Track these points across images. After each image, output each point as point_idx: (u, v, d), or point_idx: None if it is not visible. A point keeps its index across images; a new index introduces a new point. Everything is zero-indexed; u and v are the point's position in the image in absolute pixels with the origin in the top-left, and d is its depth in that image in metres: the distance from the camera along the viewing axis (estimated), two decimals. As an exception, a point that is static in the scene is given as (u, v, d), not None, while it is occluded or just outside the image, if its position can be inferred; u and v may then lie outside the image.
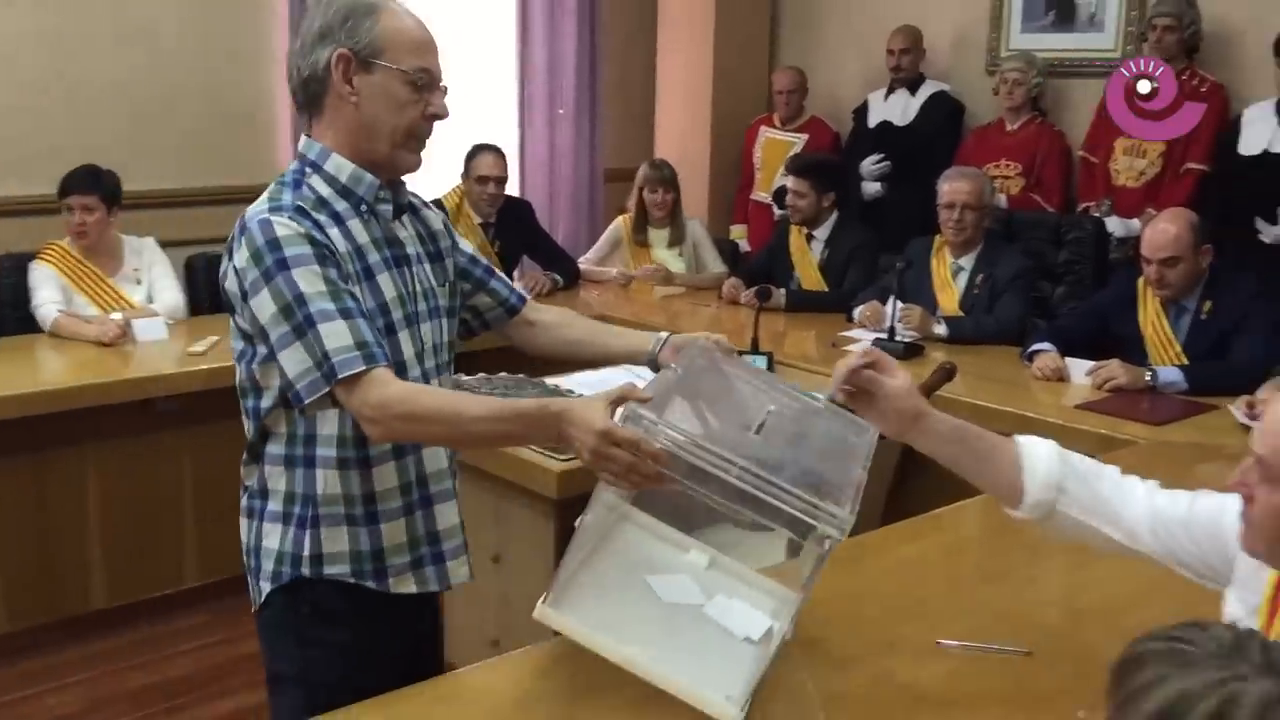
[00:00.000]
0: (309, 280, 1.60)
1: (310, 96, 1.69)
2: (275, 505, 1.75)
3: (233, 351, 1.76)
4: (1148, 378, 3.23)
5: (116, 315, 3.82)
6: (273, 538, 1.75)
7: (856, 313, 4.07)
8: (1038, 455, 1.60)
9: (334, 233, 1.66)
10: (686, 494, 1.55)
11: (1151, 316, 3.45)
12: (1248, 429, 2.86)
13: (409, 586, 1.81)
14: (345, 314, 1.60)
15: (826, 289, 4.47)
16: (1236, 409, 2.92)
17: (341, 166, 1.70)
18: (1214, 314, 3.37)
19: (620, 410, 1.53)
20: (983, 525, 2.35)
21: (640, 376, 3.19)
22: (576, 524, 1.68)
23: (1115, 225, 4.44)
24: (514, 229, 4.73)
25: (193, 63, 4.69)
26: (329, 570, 1.74)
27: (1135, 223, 4.39)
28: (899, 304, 3.78)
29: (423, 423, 1.62)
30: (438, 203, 4.66)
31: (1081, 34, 4.95)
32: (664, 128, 6.14)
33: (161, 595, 3.69)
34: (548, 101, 5.73)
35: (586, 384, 3.05)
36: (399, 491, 1.77)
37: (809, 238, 4.59)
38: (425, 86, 1.70)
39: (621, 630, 1.61)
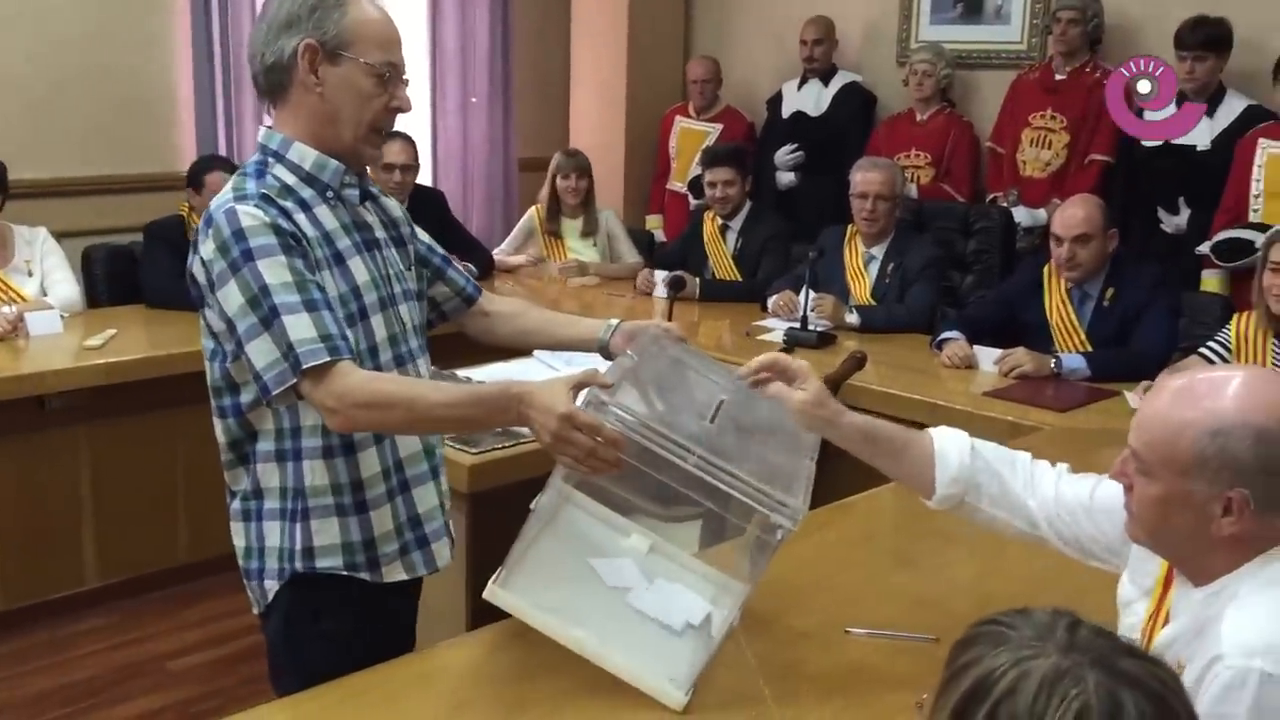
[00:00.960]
0: (274, 271, 1.59)
1: (273, 84, 1.69)
2: (272, 503, 1.74)
3: (204, 351, 1.74)
4: (1052, 365, 3.29)
5: (7, 309, 3.68)
6: (274, 535, 1.74)
7: (770, 302, 4.09)
8: (949, 449, 1.64)
9: (301, 219, 1.66)
10: (615, 481, 1.60)
11: (1057, 303, 3.52)
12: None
13: (399, 574, 1.80)
14: (310, 306, 1.60)
15: (740, 278, 4.48)
16: (1134, 395, 2.99)
17: (305, 154, 1.69)
18: (1116, 301, 3.44)
19: (583, 394, 1.55)
20: (895, 512, 2.37)
21: (553, 368, 3.18)
22: (532, 506, 1.71)
23: (1022, 215, 4.52)
24: (425, 219, 4.58)
25: (88, 47, 4.53)
26: (321, 564, 1.73)
27: (1041, 212, 4.47)
28: (812, 293, 3.80)
29: (382, 409, 1.62)
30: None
31: (989, 26, 5.03)
32: (579, 117, 6.10)
33: (61, 597, 3.57)
34: (460, 89, 5.66)
35: (496, 375, 3.02)
36: (382, 477, 1.77)
37: (723, 228, 4.60)
38: (390, 80, 1.71)
39: (569, 612, 1.64)
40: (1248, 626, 1.24)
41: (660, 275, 4.42)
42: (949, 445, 1.64)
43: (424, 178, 5.20)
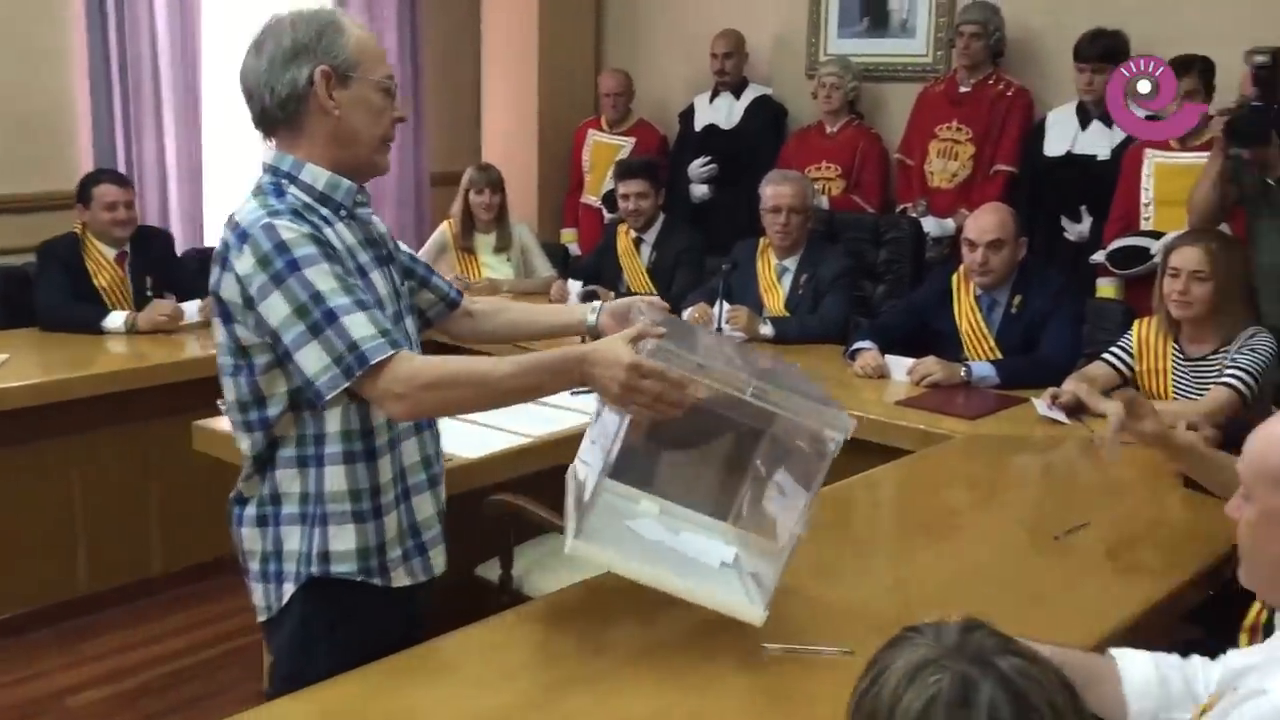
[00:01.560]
0: (322, 278, 1.64)
1: (288, 114, 1.74)
2: (292, 508, 1.77)
3: (221, 369, 1.77)
4: (962, 373, 3.33)
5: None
6: (293, 540, 1.78)
7: (685, 315, 4.08)
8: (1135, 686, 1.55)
9: (329, 232, 1.72)
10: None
11: (966, 311, 3.56)
12: (1052, 421, 2.97)
13: (404, 580, 1.86)
14: (362, 305, 1.66)
15: (655, 292, 4.47)
16: (1040, 401, 3.03)
17: (318, 175, 1.75)
18: (1023, 308, 3.50)
19: (645, 344, 1.66)
20: (813, 523, 2.36)
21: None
22: (567, 475, 1.93)
23: (931, 225, 4.58)
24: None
25: (-22, 62, 4.38)
26: (335, 569, 1.77)
27: (950, 222, 4.54)
28: (726, 305, 3.80)
29: (452, 388, 1.69)
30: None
31: (895, 39, 5.10)
32: (491, 131, 6.05)
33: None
34: (369, 104, 5.57)
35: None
36: (393, 483, 1.82)
37: (637, 241, 4.59)
38: (392, 92, 1.80)
39: (634, 559, 1.79)
40: None
41: (574, 289, 4.38)
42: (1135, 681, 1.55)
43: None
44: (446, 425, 2.82)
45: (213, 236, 4.97)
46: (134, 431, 3.63)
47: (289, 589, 1.79)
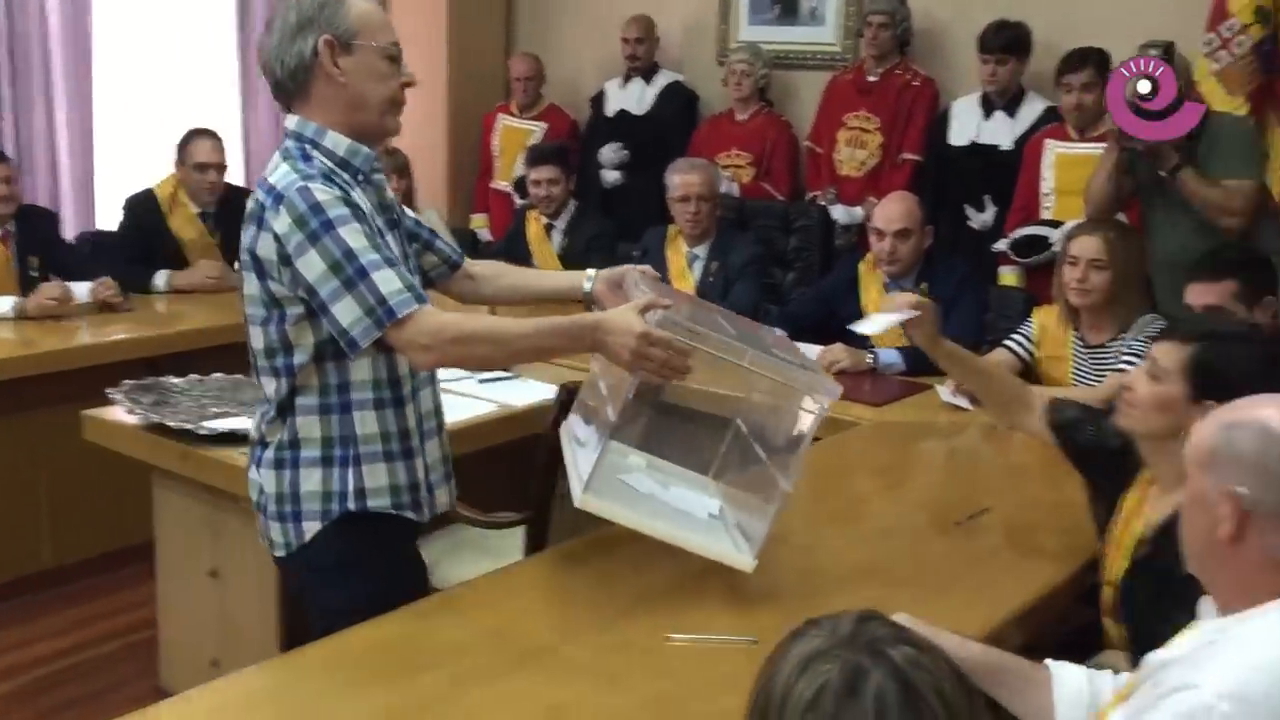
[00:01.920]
0: (354, 237, 1.76)
1: (299, 84, 1.85)
2: (312, 451, 1.91)
3: (250, 318, 1.90)
4: (869, 360, 3.36)
5: None
6: (313, 481, 1.91)
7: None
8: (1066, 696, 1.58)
9: (354, 195, 1.84)
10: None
11: (874, 298, 3.60)
12: (955, 407, 3.01)
13: (427, 513, 2.03)
14: (390, 262, 1.79)
15: (566, 278, 4.44)
16: (945, 389, 3.08)
17: (338, 141, 1.86)
18: (929, 295, 3.53)
19: (654, 314, 1.80)
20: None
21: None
22: (561, 432, 2.15)
23: (840, 213, 4.62)
24: (237, 219, 4.42)
25: None
26: (372, 503, 1.92)
27: (858, 210, 4.58)
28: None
29: (475, 343, 1.85)
30: (149, 192, 4.34)
31: (805, 27, 5.12)
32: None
33: None
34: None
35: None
36: (418, 427, 1.98)
37: (548, 227, 4.55)
38: (396, 58, 1.90)
39: (635, 512, 1.94)
40: (1231, 669, 1.26)
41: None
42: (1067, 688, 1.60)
43: (235, 177, 4.98)
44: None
45: (105, 217, 4.82)
46: (22, 421, 3.49)
47: (311, 526, 1.92)
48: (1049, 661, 1.64)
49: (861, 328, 2.60)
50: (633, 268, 2.18)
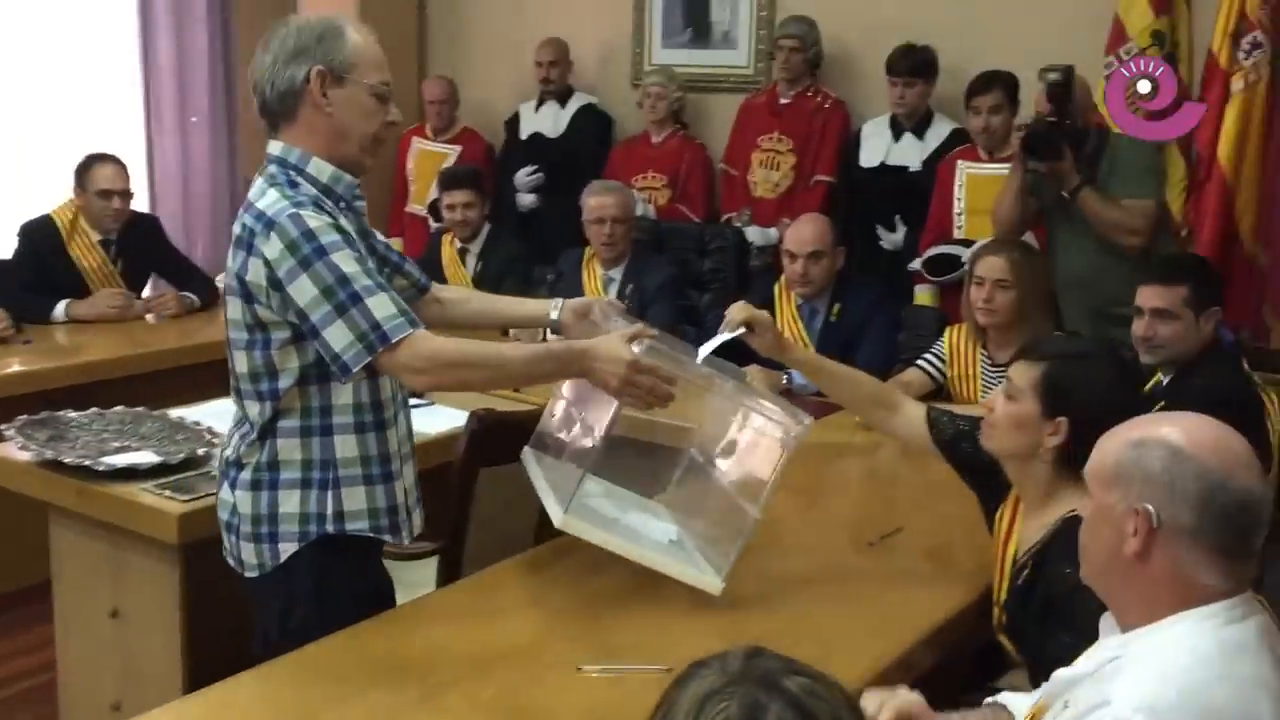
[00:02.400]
0: (346, 262, 1.79)
1: (286, 107, 1.89)
2: (292, 474, 1.92)
3: (233, 343, 1.91)
4: (784, 381, 3.37)
5: None
6: (291, 502, 1.92)
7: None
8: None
9: (342, 221, 1.87)
10: None
11: (788, 320, 3.61)
12: (867, 428, 3.02)
13: (405, 536, 2.05)
14: (381, 288, 1.82)
15: (481, 303, 4.40)
16: None
17: (322, 168, 1.90)
18: (842, 316, 3.57)
19: (640, 343, 1.88)
20: (605, 551, 2.35)
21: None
22: (524, 455, 2.21)
23: (755, 234, 4.64)
24: (139, 246, 4.34)
25: None
26: (350, 526, 1.94)
27: (773, 231, 4.61)
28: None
29: (470, 368, 1.91)
30: (47, 219, 4.20)
31: (717, 51, 5.16)
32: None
33: None
34: (178, 108, 5.34)
35: (211, 414, 2.83)
36: (398, 451, 2.01)
37: (462, 251, 4.51)
38: (385, 98, 1.94)
39: (610, 533, 2.01)
40: (1139, 682, 1.27)
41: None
42: None
43: (140, 203, 4.86)
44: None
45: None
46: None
47: (288, 548, 1.93)
48: (999, 697, 1.65)
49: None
50: (599, 299, 2.26)
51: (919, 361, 3.27)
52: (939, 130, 4.37)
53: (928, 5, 4.55)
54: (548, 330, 2.27)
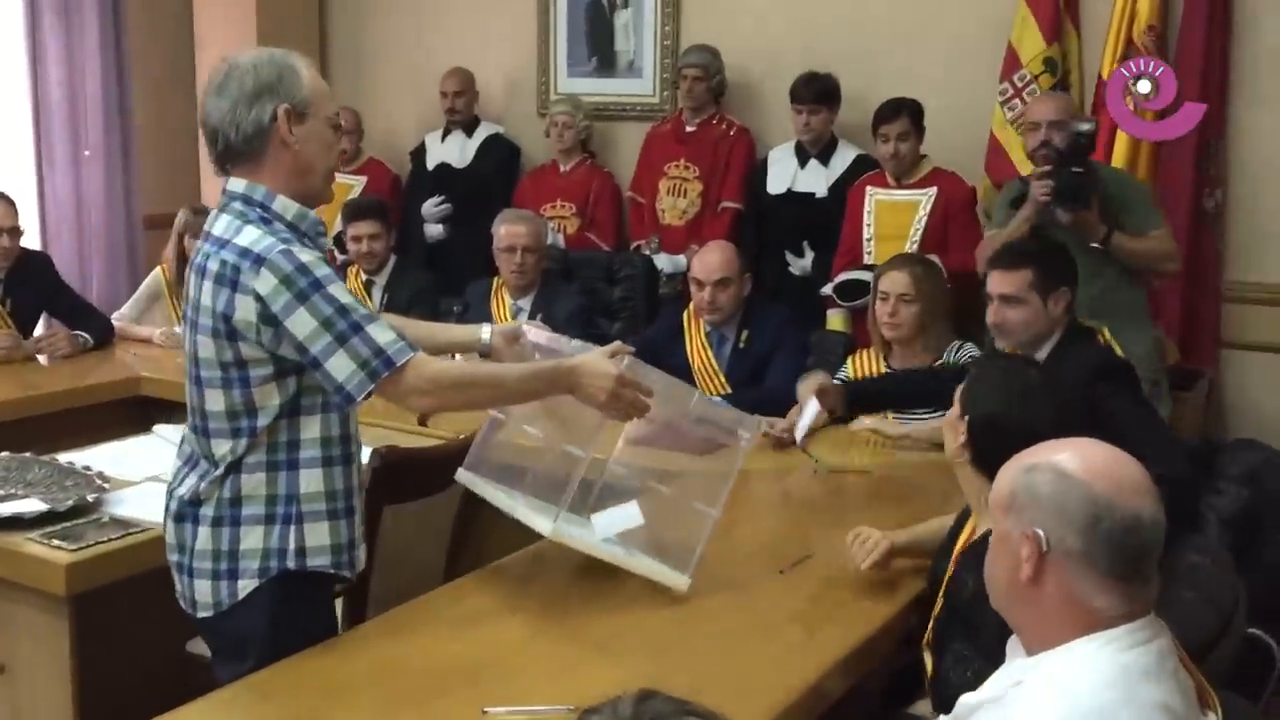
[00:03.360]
0: (342, 294, 1.82)
1: (252, 148, 1.89)
2: (255, 509, 1.90)
3: (205, 381, 1.89)
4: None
5: None
6: (253, 538, 1.90)
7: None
8: None
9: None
10: None
11: (698, 347, 3.62)
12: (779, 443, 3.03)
13: (353, 573, 2.03)
14: (374, 316, 1.87)
15: (389, 336, 4.33)
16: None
17: (287, 206, 1.90)
18: (751, 343, 3.58)
19: (622, 360, 2.03)
20: (542, 572, 2.31)
21: (173, 443, 2.91)
22: (461, 476, 2.33)
23: (664, 262, 4.65)
24: (29, 285, 4.19)
25: None
26: (312, 562, 1.93)
27: (681, 259, 4.61)
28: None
29: (473, 388, 2.00)
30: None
31: (623, 79, 5.17)
32: (210, 171, 5.69)
33: None
34: (70, 142, 5.19)
35: (103, 457, 2.73)
36: (358, 486, 2.01)
37: (368, 284, 4.44)
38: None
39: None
40: (1041, 709, 1.28)
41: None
42: None
43: (31, 239, 4.71)
44: (140, 491, 2.62)
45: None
46: None
47: (247, 584, 1.91)
48: None
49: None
50: (527, 322, 2.41)
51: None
52: (844, 156, 4.43)
53: (828, 34, 4.62)
54: (478, 355, 2.31)
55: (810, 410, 2.90)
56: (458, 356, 2.53)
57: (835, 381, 3.03)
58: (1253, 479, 2.77)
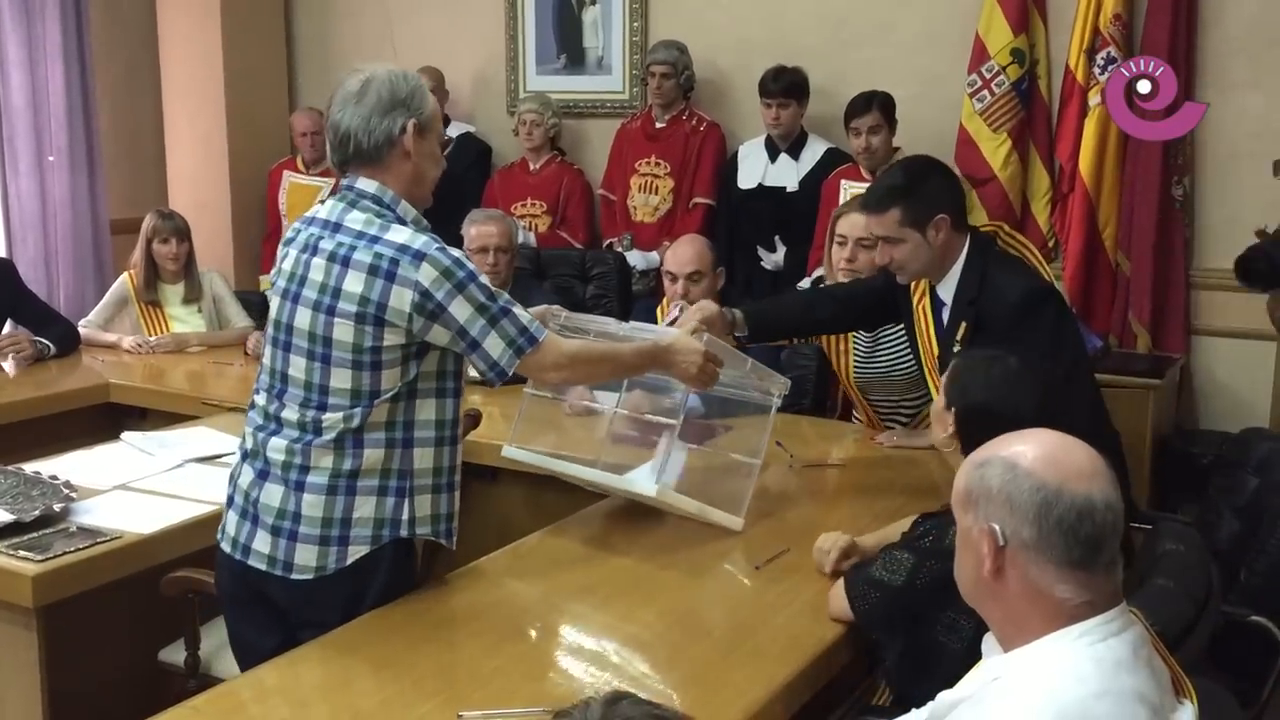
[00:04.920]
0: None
1: (380, 154, 2.07)
2: (371, 481, 2.05)
3: (335, 360, 2.03)
4: (668, 405, 3.34)
5: None
6: (367, 508, 2.05)
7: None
8: None
9: None
10: None
11: (672, 344, 3.59)
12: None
13: (454, 543, 2.19)
14: (513, 301, 2.10)
15: (360, 337, 4.30)
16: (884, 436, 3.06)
17: (407, 209, 2.10)
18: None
19: (705, 337, 2.40)
20: (515, 576, 2.30)
21: (147, 452, 2.87)
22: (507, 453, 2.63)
23: (636, 259, 4.64)
24: (-5, 289, 4.14)
25: None
26: (419, 531, 2.10)
27: (654, 255, 4.61)
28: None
29: (597, 364, 2.29)
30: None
31: (592, 76, 5.16)
32: (178, 174, 5.69)
33: None
34: (34, 147, 5.13)
35: (71, 466, 2.69)
36: (460, 464, 2.19)
37: (339, 285, 4.39)
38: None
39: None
40: (1017, 705, 1.28)
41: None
42: None
43: (-6, 245, 4.66)
44: (109, 499, 2.58)
45: None
46: None
47: (359, 549, 2.05)
48: None
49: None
50: (544, 306, 2.57)
51: None
52: (814, 150, 4.43)
53: (795, 28, 4.62)
54: None
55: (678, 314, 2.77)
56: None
57: (732, 311, 2.83)
58: (1260, 468, 2.79)
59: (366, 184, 2.08)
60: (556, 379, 2.32)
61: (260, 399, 2.14)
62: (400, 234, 2.03)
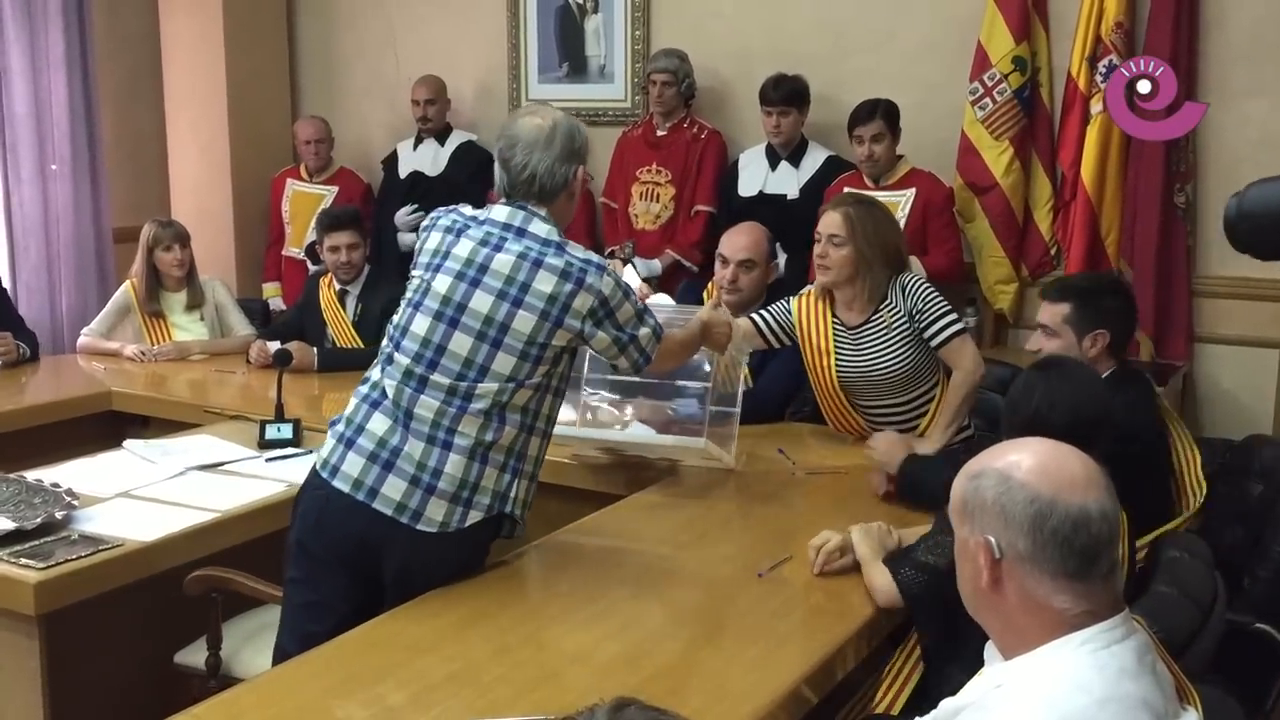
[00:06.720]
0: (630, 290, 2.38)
1: (554, 194, 2.32)
2: (499, 456, 2.27)
3: (506, 347, 2.22)
4: (670, 411, 3.33)
5: None
6: (491, 479, 2.26)
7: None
8: None
9: None
10: None
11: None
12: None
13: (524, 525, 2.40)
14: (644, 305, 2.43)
15: (362, 346, 4.29)
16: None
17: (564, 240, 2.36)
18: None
19: (722, 309, 2.88)
20: (519, 582, 2.30)
21: (148, 460, 2.88)
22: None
23: (639, 266, 4.63)
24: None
25: None
26: (516, 510, 2.32)
27: (656, 263, 4.61)
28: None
29: (687, 346, 2.69)
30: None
31: (594, 84, 5.17)
32: (180, 182, 5.70)
33: None
34: (37, 156, 5.14)
35: (73, 474, 2.69)
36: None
37: (341, 294, 4.40)
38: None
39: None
40: (1020, 713, 1.27)
41: (274, 347, 4.15)
42: None
43: (-2, 254, 4.67)
44: (111, 507, 2.58)
45: None
46: None
47: (476, 515, 2.24)
48: None
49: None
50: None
51: (755, 313, 3.23)
52: (814, 158, 4.43)
53: (796, 36, 4.63)
54: None
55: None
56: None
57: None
58: (1264, 474, 2.79)
59: (540, 209, 2.32)
60: (672, 365, 2.68)
61: (403, 358, 2.27)
62: (580, 251, 2.29)
